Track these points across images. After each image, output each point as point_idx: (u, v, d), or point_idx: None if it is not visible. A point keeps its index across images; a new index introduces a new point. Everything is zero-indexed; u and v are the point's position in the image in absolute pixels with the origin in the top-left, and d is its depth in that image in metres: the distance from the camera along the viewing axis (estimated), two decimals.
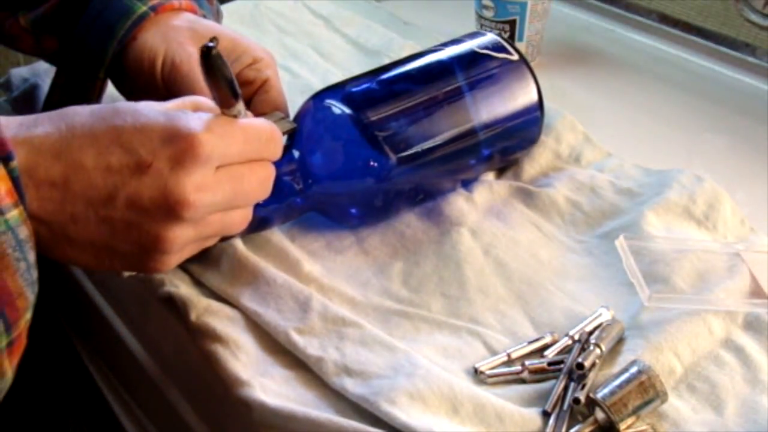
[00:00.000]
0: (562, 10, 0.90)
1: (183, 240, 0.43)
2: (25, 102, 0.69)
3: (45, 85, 0.69)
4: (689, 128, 0.71)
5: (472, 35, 0.62)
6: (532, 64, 0.60)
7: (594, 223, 0.59)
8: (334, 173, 0.54)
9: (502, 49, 0.60)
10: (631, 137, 0.69)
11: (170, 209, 0.41)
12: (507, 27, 0.77)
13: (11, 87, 0.72)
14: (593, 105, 0.74)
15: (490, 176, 0.62)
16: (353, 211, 0.56)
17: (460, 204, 0.59)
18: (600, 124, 0.69)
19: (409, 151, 0.54)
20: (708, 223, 0.58)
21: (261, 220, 0.53)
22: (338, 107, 0.54)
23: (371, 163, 0.53)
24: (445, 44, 0.61)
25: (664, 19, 0.85)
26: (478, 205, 0.59)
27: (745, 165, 0.67)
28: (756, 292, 0.52)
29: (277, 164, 0.47)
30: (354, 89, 0.56)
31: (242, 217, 0.47)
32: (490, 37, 0.61)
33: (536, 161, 0.63)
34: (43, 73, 0.71)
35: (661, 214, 0.58)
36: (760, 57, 0.78)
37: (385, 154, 0.53)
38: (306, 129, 0.55)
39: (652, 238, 0.55)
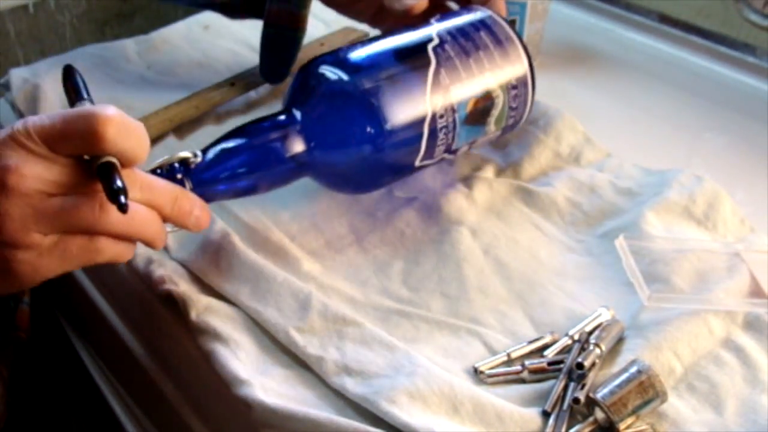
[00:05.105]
0: (562, 10, 0.90)
1: (18, 215, 0.39)
2: (24, 102, 0.69)
3: (45, 84, 0.69)
4: (689, 128, 0.71)
5: (468, 9, 0.61)
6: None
7: (594, 223, 0.59)
8: (329, 141, 0.52)
9: (495, 23, 0.59)
10: (630, 137, 0.69)
11: None
12: None
13: (11, 87, 0.72)
14: (593, 105, 0.74)
15: (490, 174, 0.62)
16: (348, 178, 0.55)
17: (459, 202, 0.59)
18: (600, 123, 0.69)
19: (405, 119, 0.53)
20: (708, 223, 0.58)
21: (248, 186, 0.52)
22: (334, 73, 0.53)
23: (368, 129, 0.52)
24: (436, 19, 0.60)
25: (664, 18, 0.85)
26: (478, 203, 0.59)
27: (745, 165, 0.67)
28: (756, 291, 0.52)
29: (271, 128, 0.45)
30: (348, 55, 0.55)
31: (89, 209, 0.41)
32: (481, 11, 0.60)
33: (536, 160, 0.63)
34: (42, 73, 0.71)
35: (660, 214, 0.58)
36: (760, 57, 0.78)
37: (381, 120, 0.52)
38: (301, 95, 0.53)
39: (651, 238, 0.55)
